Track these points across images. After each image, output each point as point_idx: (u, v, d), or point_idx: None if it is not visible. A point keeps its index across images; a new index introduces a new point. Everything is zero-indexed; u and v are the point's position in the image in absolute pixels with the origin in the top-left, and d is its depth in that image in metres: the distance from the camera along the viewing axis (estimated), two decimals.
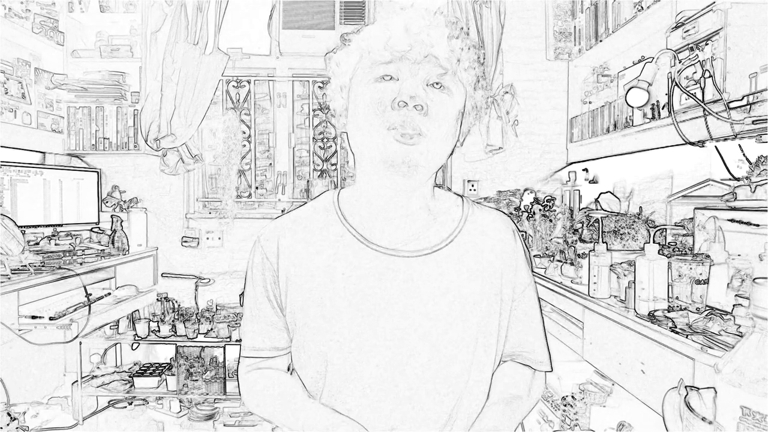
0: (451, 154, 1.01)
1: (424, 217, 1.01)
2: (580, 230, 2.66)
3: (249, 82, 3.41)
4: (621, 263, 2.12)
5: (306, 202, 1.09)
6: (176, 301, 3.08)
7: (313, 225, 1.03)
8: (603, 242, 2.26)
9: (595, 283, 2.08)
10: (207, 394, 2.86)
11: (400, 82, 0.94)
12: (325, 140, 3.45)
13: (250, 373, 1.06)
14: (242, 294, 1.08)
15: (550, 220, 2.91)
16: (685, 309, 1.71)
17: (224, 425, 2.85)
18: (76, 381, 2.78)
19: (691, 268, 1.72)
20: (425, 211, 1.02)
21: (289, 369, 1.10)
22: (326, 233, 1.01)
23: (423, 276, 0.97)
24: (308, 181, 3.43)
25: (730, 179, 2.00)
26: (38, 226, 2.80)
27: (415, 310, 0.96)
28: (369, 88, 0.95)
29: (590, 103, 3.01)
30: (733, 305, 1.61)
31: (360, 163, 1.03)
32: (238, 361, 1.09)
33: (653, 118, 2.27)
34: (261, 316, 1.04)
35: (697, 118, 1.95)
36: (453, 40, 0.95)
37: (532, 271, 1.09)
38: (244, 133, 3.40)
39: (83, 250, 2.91)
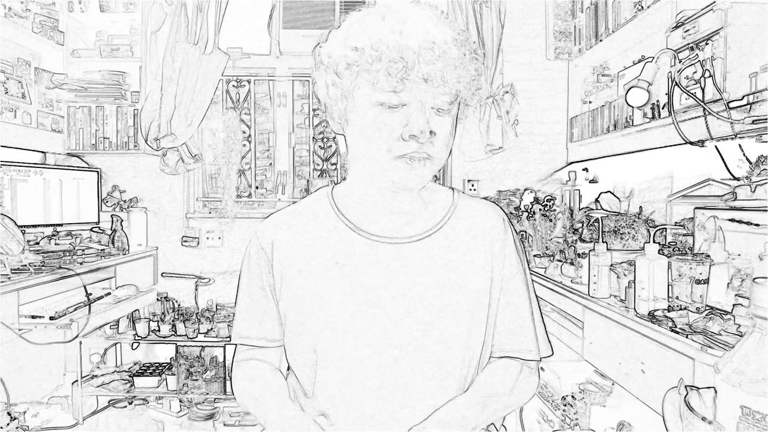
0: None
1: (415, 206, 1.04)
2: (580, 230, 2.66)
3: (249, 82, 3.40)
4: (621, 263, 2.11)
5: None
6: (176, 301, 3.08)
7: (308, 217, 1.05)
8: (603, 242, 2.26)
9: (595, 282, 2.08)
10: (207, 393, 2.86)
11: (407, 108, 0.93)
12: (325, 140, 3.45)
13: (242, 362, 1.09)
14: None
15: (550, 220, 2.91)
16: (685, 309, 1.70)
17: (224, 425, 2.85)
18: (76, 381, 2.78)
19: (691, 268, 1.72)
20: (417, 201, 1.04)
21: (288, 368, 1.10)
22: (320, 224, 1.04)
23: (413, 262, 0.99)
24: (308, 181, 3.43)
25: (730, 179, 2.00)
26: (38, 225, 2.80)
27: (406, 296, 0.97)
28: (373, 111, 0.94)
29: (590, 102, 3.01)
30: (733, 305, 1.61)
31: (356, 168, 1.04)
32: (233, 354, 1.12)
33: (653, 117, 2.27)
34: (253, 305, 1.06)
35: (697, 117, 1.95)
36: (461, 70, 0.93)
37: (528, 264, 1.10)
38: (244, 132, 3.40)
39: (83, 250, 2.91)
